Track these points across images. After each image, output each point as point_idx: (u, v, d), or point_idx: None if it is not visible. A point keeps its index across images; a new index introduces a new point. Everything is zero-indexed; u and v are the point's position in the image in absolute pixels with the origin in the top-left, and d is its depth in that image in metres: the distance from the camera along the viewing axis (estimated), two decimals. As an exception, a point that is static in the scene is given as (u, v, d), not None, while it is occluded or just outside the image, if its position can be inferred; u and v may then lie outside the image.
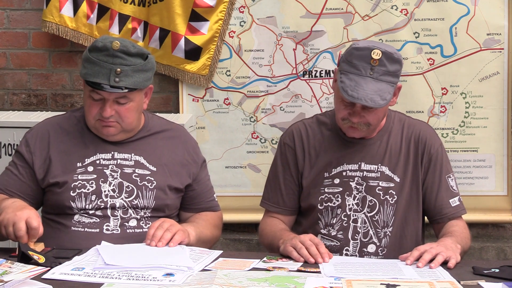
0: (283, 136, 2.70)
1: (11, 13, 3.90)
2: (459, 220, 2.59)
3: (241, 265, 2.17)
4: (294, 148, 2.63)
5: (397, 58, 2.46)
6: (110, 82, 2.43)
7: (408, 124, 2.64)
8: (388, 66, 2.42)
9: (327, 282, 1.99)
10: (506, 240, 3.88)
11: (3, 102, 3.93)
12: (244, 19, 3.79)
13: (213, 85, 3.82)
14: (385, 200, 2.54)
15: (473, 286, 2.00)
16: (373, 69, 2.41)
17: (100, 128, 2.53)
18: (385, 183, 2.55)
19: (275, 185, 2.66)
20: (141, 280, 1.99)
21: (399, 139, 2.60)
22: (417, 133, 2.61)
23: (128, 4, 3.78)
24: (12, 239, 2.27)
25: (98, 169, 2.54)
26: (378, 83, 2.41)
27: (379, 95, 2.40)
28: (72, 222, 2.50)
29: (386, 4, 3.73)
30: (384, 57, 2.41)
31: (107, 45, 2.45)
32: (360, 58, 2.42)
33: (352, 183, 2.55)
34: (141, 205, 2.53)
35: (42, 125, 2.65)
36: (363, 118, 2.47)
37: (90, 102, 2.51)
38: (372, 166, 2.56)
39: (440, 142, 2.65)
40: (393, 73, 2.45)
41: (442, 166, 2.60)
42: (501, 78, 3.75)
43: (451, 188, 2.60)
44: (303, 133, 2.64)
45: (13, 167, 2.58)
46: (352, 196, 2.54)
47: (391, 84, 2.44)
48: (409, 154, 2.59)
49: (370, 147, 2.58)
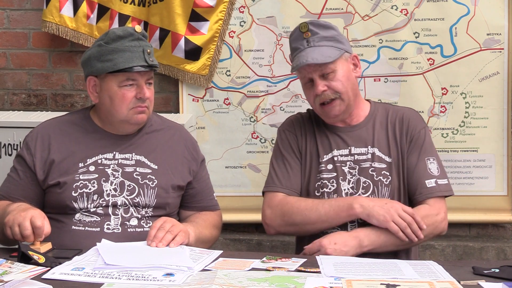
0: (282, 126, 2.76)
1: (11, 13, 3.90)
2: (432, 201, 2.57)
3: (241, 265, 2.17)
4: (295, 133, 2.70)
5: (326, 24, 2.60)
6: (148, 62, 2.51)
7: (393, 110, 2.72)
8: (321, 32, 2.57)
9: (327, 282, 1.99)
10: (506, 240, 3.88)
11: (3, 102, 3.93)
12: (244, 19, 3.79)
13: (213, 85, 3.82)
14: (379, 181, 2.57)
15: (473, 286, 2.00)
16: (308, 41, 2.57)
17: (133, 116, 2.55)
18: (377, 164, 2.59)
19: (282, 170, 2.65)
20: (141, 280, 1.99)
21: (385, 123, 2.66)
22: (401, 116, 2.67)
23: (128, 4, 3.78)
24: (19, 239, 2.28)
25: (99, 168, 2.54)
26: (318, 48, 2.56)
27: (321, 54, 2.53)
28: (73, 221, 2.50)
29: (386, 4, 3.73)
30: (312, 26, 2.57)
31: (129, 31, 2.53)
32: (295, 39, 2.60)
33: (345, 168, 2.59)
34: (142, 203, 2.53)
35: (42, 127, 2.65)
36: (325, 87, 2.56)
37: (123, 92, 2.52)
38: (362, 149, 2.62)
39: (424, 125, 2.69)
40: (331, 37, 2.58)
41: (422, 147, 2.62)
42: (501, 78, 3.75)
43: (429, 170, 2.60)
44: (300, 121, 2.72)
45: (14, 173, 2.59)
46: (347, 180, 2.58)
47: (333, 48, 2.57)
48: (395, 136, 2.64)
49: (357, 132, 2.65)
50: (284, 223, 2.54)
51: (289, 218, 2.53)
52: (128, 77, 2.51)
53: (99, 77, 2.54)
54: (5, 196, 2.57)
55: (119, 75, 2.50)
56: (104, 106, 2.56)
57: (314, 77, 2.57)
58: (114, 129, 2.60)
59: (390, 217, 2.42)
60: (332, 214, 2.48)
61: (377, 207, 2.43)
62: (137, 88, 2.53)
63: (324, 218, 2.48)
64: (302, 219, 2.50)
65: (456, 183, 3.80)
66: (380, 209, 2.43)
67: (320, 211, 2.48)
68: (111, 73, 2.50)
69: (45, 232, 2.29)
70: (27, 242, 2.28)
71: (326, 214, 2.48)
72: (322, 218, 2.48)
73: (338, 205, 2.48)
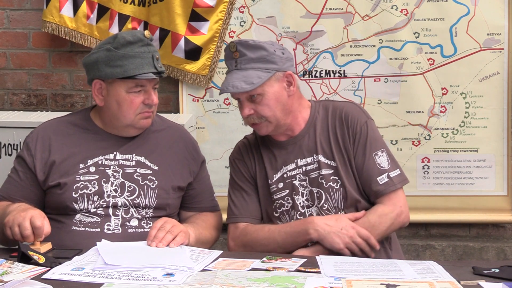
0: (232, 155, 2.74)
1: (11, 13, 3.91)
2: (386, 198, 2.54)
3: (241, 265, 2.17)
4: (244, 160, 2.68)
5: (255, 44, 2.53)
6: (157, 68, 2.52)
7: (332, 108, 2.66)
8: (249, 54, 2.51)
9: (327, 282, 1.98)
10: (506, 240, 3.88)
11: (3, 102, 3.93)
12: (244, 19, 3.79)
13: (213, 85, 3.82)
14: (329, 187, 2.55)
15: (473, 286, 2.00)
16: (236, 62, 2.53)
17: (140, 121, 2.56)
18: (324, 171, 2.56)
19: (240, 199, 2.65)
20: (141, 280, 1.99)
21: (325, 125, 2.62)
22: (340, 114, 2.62)
23: (128, 4, 3.78)
24: (19, 239, 2.28)
25: (100, 169, 2.54)
26: (243, 71, 2.51)
27: (243, 81, 2.49)
28: (73, 222, 2.50)
29: (386, 4, 3.73)
30: (240, 47, 2.52)
31: (139, 36, 2.52)
32: (227, 57, 2.57)
33: (295, 182, 2.58)
34: (143, 204, 2.53)
35: (43, 127, 2.65)
36: (252, 111, 2.53)
37: (131, 98, 2.52)
38: (308, 159, 2.59)
39: (366, 119, 2.61)
40: (259, 59, 2.52)
41: (366, 144, 2.58)
42: (501, 78, 3.75)
43: (379, 165, 2.56)
44: (247, 147, 2.70)
45: (15, 174, 2.59)
46: (300, 193, 2.57)
47: (261, 70, 2.51)
48: (337, 137, 2.60)
49: (300, 142, 2.62)
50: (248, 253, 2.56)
51: (251, 249, 2.56)
52: (137, 83, 2.51)
53: (106, 81, 2.54)
54: (5, 197, 2.57)
55: (128, 81, 2.50)
56: (110, 110, 2.56)
57: (241, 99, 2.54)
58: (116, 131, 2.60)
59: (344, 244, 2.43)
60: (289, 241, 2.50)
61: (332, 234, 2.44)
62: (145, 94, 2.53)
63: (283, 246, 2.50)
64: (262, 249, 2.53)
65: (456, 183, 3.80)
66: (335, 236, 2.44)
67: (277, 239, 2.51)
68: (120, 79, 2.50)
69: (45, 232, 2.29)
70: (27, 242, 2.28)
71: (284, 241, 2.50)
72: (280, 245, 2.50)
73: (293, 231, 2.49)
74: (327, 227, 2.45)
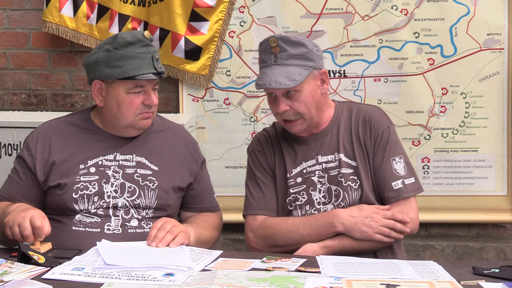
0: (251, 146, 2.73)
1: (11, 13, 3.91)
2: (398, 204, 2.54)
3: (241, 265, 2.17)
4: (264, 152, 2.67)
5: (297, 40, 2.53)
6: (157, 69, 2.52)
7: (357, 109, 2.68)
8: (290, 50, 2.50)
9: (327, 282, 1.98)
10: (506, 240, 3.88)
11: (3, 102, 3.93)
12: (244, 19, 3.79)
13: (213, 85, 3.82)
14: (348, 186, 2.55)
15: (473, 286, 2.00)
16: (276, 57, 2.51)
17: (139, 122, 2.56)
18: (344, 169, 2.57)
19: (258, 191, 2.65)
20: (141, 280, 1.99)
21: (349, 125, 2.63)
22: (364, 116, 2.64)
23: (128, 4, 3.78)
24: (19, 239, 2.28)
25: (100, 170, 2.54)
26: (284, 67, 2.50)
27: (285, 77, 2.49)
28: (73, 222, 2.50)
29: (386, 4, 3.73)
30: (281, 42, 2.50)
31: (139, 37, 2.51)
32: (264, 51, 2.54)
33: (314, 178, 2.58)
34: (143, 204, 2.53)
35: (43, 128, 2.65)
36: (287, 107, 2.53)
37: (131, 98, 2.52)
38: (329, 156, 2.60)
39: (389, 124, 2.64)
40: (299, 55, 2.51)
41: (386, 148, 2.59)
42: (501, 78, 3.75)
43: (395, 171, 2.57)
44: (267, 139, 2.70)
45: (15, 174, 2.59)
46: (318, 190, 2.57)
47: (301, 67, 2.51)
48: (359, 138, 2.61)
49: (323, 139, 2.62)
50: (268, 245, 2.55)
51: (272, 241, 2.55)
52: (136, 84, 2.51)
53: (105, 81, 2.54)
54: (6, 197, 2.56)
55: (128, 82, 2.50)
56: (110, 110, 2.56)
57: (277, 94, 2.54)
58: (117, 131, 2.60)
59: (373, 231, 2.44)
60: (314, 234, 2.50)
61: (359, 224, 2.45)
62: (145, 94, 2.53)
63: (307, 238, 2.50)
64: (285, 242, 2.52)
65: (456, 183, 3.80)
66: (362, 225, 2.45)
67: (302, 232, 2.51)
68: (119, 79, 2.50)
69: (45, 232, 2.29)
70: (27, 242, 2.28)
71: (308, 235, 2.50)
72: (304, 238, 2.50)
73: (319, 224, 2.49)
74: (352, 219, 2.46)
